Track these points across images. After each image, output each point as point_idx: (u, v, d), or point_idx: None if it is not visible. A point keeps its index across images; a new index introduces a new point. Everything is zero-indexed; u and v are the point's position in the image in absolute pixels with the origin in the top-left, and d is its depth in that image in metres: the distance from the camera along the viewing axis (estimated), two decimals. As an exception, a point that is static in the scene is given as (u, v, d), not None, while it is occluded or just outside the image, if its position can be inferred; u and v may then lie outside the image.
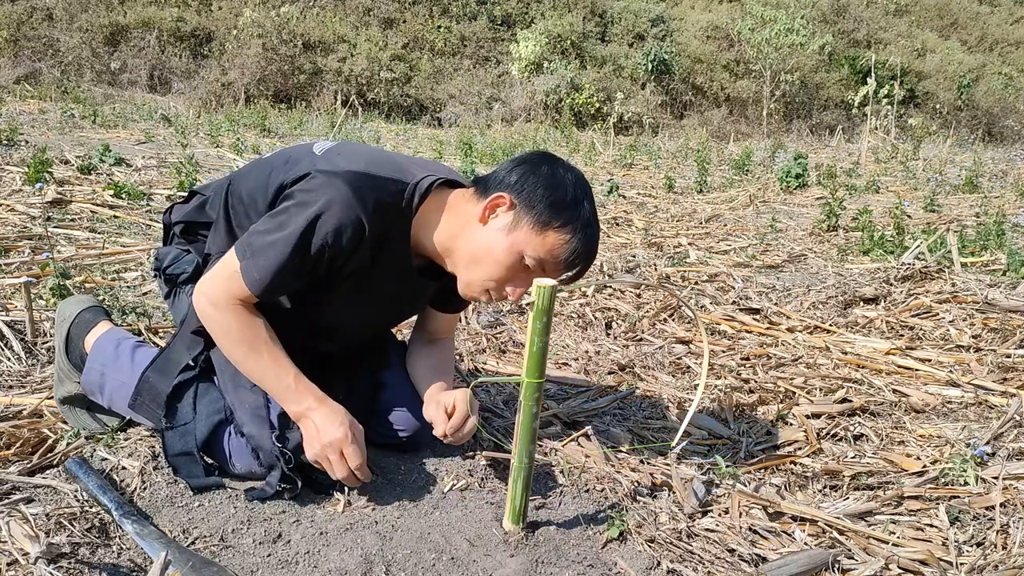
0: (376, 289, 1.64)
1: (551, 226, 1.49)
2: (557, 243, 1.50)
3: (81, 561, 1.32)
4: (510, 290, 1.56)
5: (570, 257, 1.52)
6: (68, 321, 1.80)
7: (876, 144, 11.34)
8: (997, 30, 19.63)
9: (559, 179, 1.52)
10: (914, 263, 3.68)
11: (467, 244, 1.56)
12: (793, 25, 15.85)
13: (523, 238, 1.50)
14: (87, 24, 13.51)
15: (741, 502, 1.69)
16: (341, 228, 1.47)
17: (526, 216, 1.50)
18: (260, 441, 1.56)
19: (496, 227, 1.52)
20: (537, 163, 1.55)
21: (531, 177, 1.52)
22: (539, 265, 1.52)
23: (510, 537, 1.52)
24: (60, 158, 5.05)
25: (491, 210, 1.53)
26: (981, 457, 1.92)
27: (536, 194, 1.50)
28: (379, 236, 1.53)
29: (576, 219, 1.50)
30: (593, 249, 1.56)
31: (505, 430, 2.01)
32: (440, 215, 1.59)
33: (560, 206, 1.50)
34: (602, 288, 3.34)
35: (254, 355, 1.54)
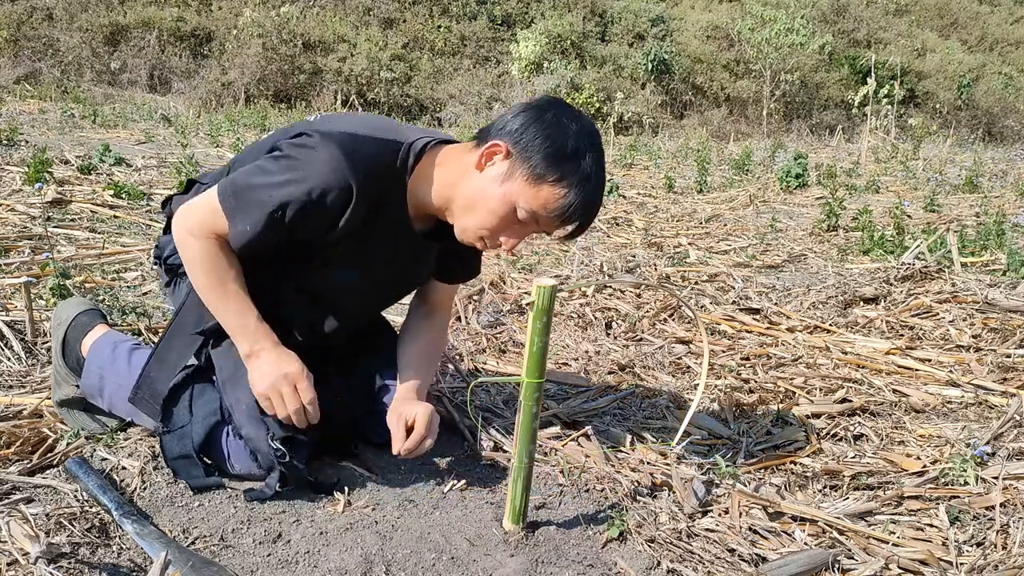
0: (374, 255, 1.61)
1: (546, 179, 1.43)
2: (551, 197, 1.44)
3: (81, 561, 1.32)
4: (503, 240, 1.52)
5: (564, 213, 1.46)
6: (64, 324, 1.79)
7: (876, 144, 11.34)
8: (997, 30, 19.62)
9: (561, 129, 1.44)
10: (914, 263, 3.68)
11: (463, 191, 1.51)
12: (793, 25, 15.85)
13: (517, 189, 1.45)
14: (87, 24, 13.51)
15: (741, 502, 1.69)
16: (327, 190, 1.44)
17: (521, 167, 1.44)
18: (258, 443, 1.55)
19: (491, 175, 1.48)
20: (542, 110, 1.47)
21: (532, 126, 1.45)
22: (532, 218, 1.47)
23: (510, 537, 1.52)
24: (60, 158, 5.05)
25: (487, 157, 1.48)
26: (981, 457, 1.92)
27: (534, 144, 1.44)
28: (373, 200, 1.50)
29: (574, 173, 1.43)
30: (591, 205, 1.48)
31: (505, 430, 2.01)
32: (440, 169, 1.55)
33: (558, 158, 1.43)
34: (602, 288, 3.34)
35: (220, 288, 1.53)
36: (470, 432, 1.97)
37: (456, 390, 2.22)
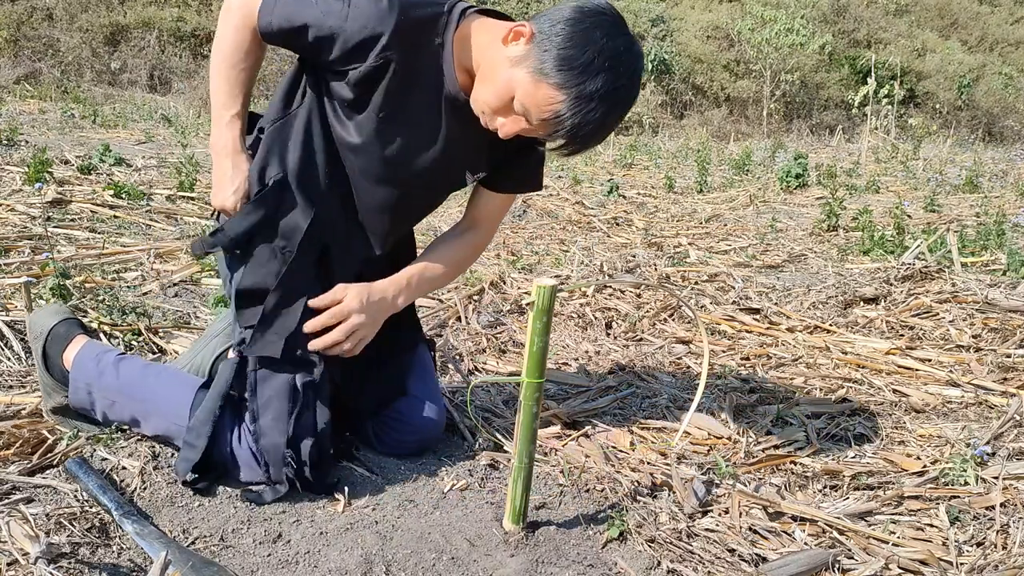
0: (419, 115, 1.54)
1: (547, 79, 1.36)
2: (544, 99, 1.37)
3: (81, 561, 1.32)
4: (499, 123, 1.46)
5: (552, 120, 1.38)
6: (42, 338, 1.73)
7: (876, 144, 11.34)
8: (997, 30, 19.61)
9: (586, 37, 1.35)
10: (914, 263, 3.68)
11: (485, 60, 1.47)
12: (793, 25, 15.84)
13: (520, 78, 1.39)
14: (87, 24, 13.50)
15: (741, 502, 1.69)
16: (362, 21, 1.42)
17: (533, 57, 1.37)
18: (275, 456, 1.55)
19: (508, 54, 1.41)
20: (585, 14, 1.38)
21: (565, 24, 1.37)
22: (524, 113, 1.41)
23: (510, 537, 1.52)
24: (60, 158, 5.05)
25: (515, 37, 1.41)
26: (981, 457, 1.92)
27: (553, 40, 1.36)
28: (411, 41, 1.45)
29: (575, 86, 1.35)
30: (584, 128, 1.39)
31: (505, 430, 2.01)
32: (485, 36, 1.49)
33: (567, 64, 1.35)
34: (602, 288, 3.34)
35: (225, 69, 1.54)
36: (470, 432, 1.97)
37: (456, 390, 2.22)
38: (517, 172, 1.71)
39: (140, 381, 1.68)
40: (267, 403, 1.56)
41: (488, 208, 1.77)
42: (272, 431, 1.55)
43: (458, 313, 2.92)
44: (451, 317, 2.89)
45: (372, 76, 1.47)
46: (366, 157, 1.58)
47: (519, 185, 1.76)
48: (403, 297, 1.69)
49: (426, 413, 1.82)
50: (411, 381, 1.83)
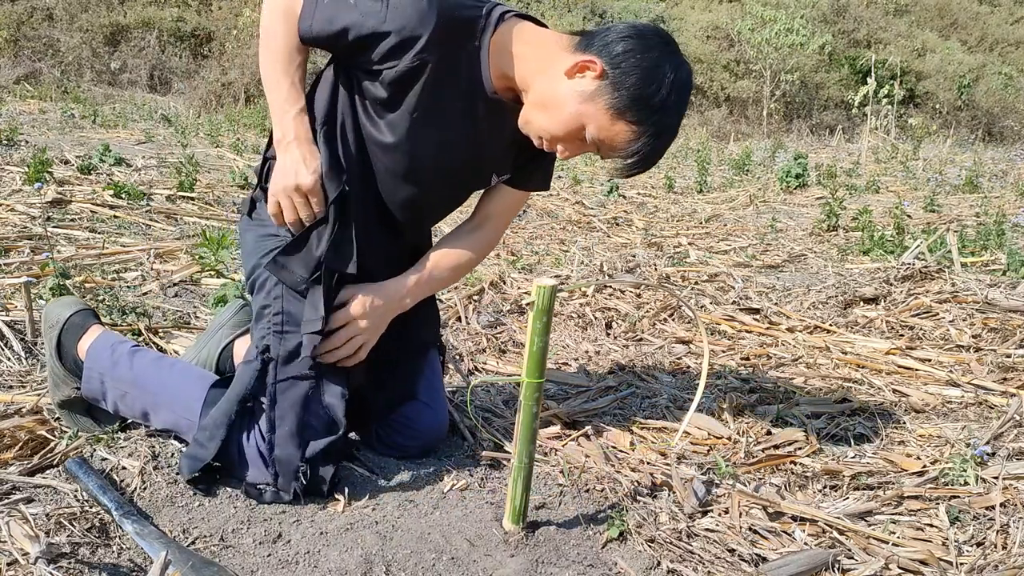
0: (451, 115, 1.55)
1: (625, 117, 1.42)
2: (622, 136, 1.44)
3: (81, 561, 1.32)
4: (560, 148, 1.51)
5: (628, 155, 1.47)
6: (57, 327, 1.74)
7: (876, 144, 11.34)
8: (997, 30, 19.61)
9: (659, 74, 1.42)
10: (914, 263, 3.68)
11: (544, 88, 1.48)
12: (793, 25, 15.84)
13: (593, 113, 1.43)
14: (87, 24, 13.50)
15: (741, 502, 1.69)
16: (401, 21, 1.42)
17: (608, 94, 1.42)
18: (287, 468, 1.55)
19: (576, 88, 1.44)
20: (650, 45, 1.44)
21: (634, 57, 1.42)
22: (595, 145, 1.48)
23: (510, 537, 1.52)
24: (60, 158, 5.05)
25: (580, 70, 1.44)
26: (981, 457, 1.92)
27: (628, 78, 1.41)
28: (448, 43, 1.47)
29: (652, 124, 1.43)
30: (653, 159, 1.49)
31: (505, 430, 2.01)
32: (527, 47, 1.51)
33: (644, 103, 1.41)
34: (602, 288, 3.34)
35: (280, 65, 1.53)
36: (470, 432, 1.97)
37: (456, 390, 2.22)
38: (536, 172, 1.75)
39: (153, 373, 1.68)
40: (284, 415, 1.56)
41: (501, 205, 1.77)
42: (288, 444, 1.55)
43: (458, 313, 2.92)
44: (451, 317, 2.89)
45: (408, 76, 1.48)
46: (395, 156, 1.58)
47: (536, 184, 1.78)
48: (410, 298, 1.70)
49: (432, 420, 1.82)
50: (421, 385, 1.82)
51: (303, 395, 1.57)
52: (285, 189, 1.52)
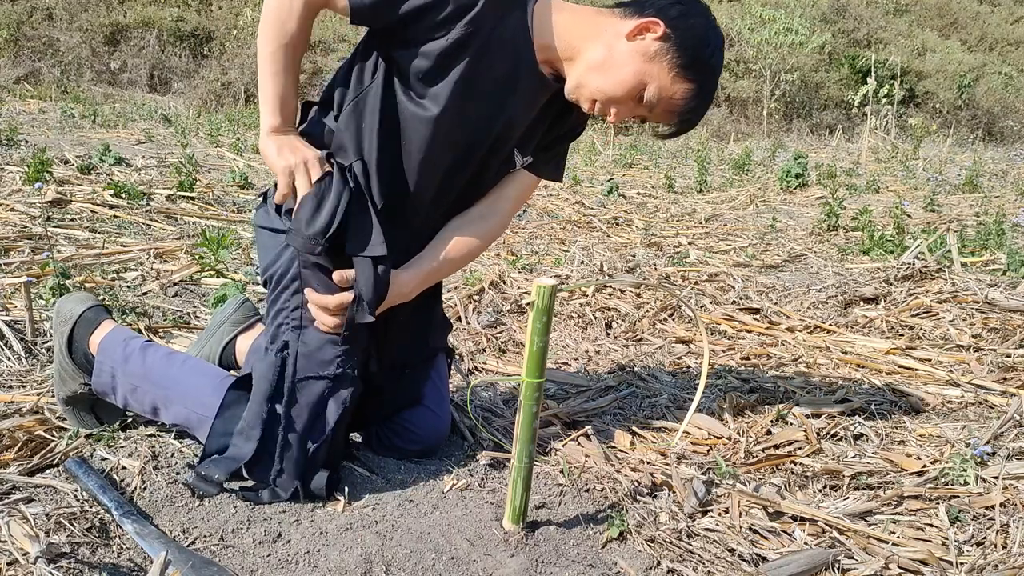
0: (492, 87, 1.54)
1: (686, 75, 1.50)
2: (683, 93, 1.51)
3: (81, 561, 1.32)
4: (614, 111, 1.54)
5: (683, 111, 1.54)
6: (70, 321, 1.75)
7: (876, 144, 11.34)
8: (997, 30, 19.61)
9: (710, 37, 1.52)
10: (914, 263, 3.68)
11: (600, 51, 1.52)
12: (792, 25, 15.84)
13: (656, 71, 1.50)
14: (87, 24, 13.51)
15: (741, 502, 1.69)
16: None
17: (671, 54, 1.49)
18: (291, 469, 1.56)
19: (638, 48, 1.50)
20: (698, 11, 1.53)
21: (690, 19, 1.51)
22: (652, 103, 1.52)
23: (510, 537, 1.52)
24: (60, 158, 5.05)
25: (641, 31, 1.50)
26: (981, 457, 1.92)
27: (690, 38, 1.49)
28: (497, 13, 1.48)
29: (707, 81, 1.53)
30: (698, 117, 1.58)
31: (505, 430, 2.01)
32: (568, 15, 1.55)
33: (702, 62, 1.51)
34: (602, 288, 3.34)
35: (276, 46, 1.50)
36: (470, 432, 1.97)
37: (456, 390, 2.22)
38: (553, 159, 1.76)
39: (164, 368, 1.68)
40: (300, 413, 1.55)
41: (514, 191, 1.73)
42: (299, 442, 1.55)
43: (458, 313, 2.92)
44: (451, 317, 2.89)
45: (458, 45, 1.47)
46: (435, 127, 1.55)
47: (550, 171, 1.76)
48: (416, 289, 1.67)
49: (434, 425, 1.82)
50: (427, 391, 1.82)
51: (319, 395, 1.56)
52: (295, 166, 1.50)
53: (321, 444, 1.57)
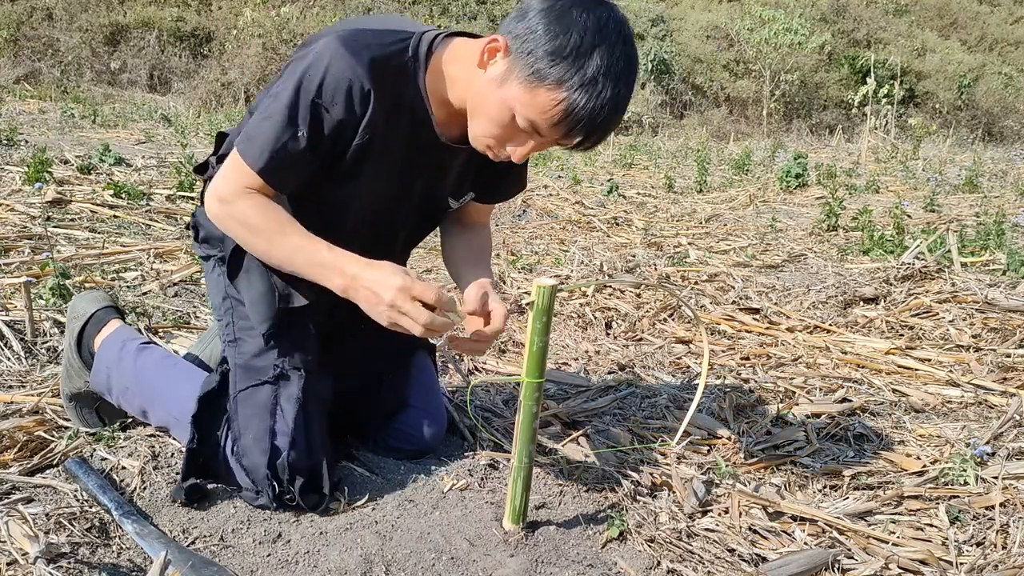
0: (398, 164, 1.48)
1: (543, 82, 1.24)
2: (547, 104, 1.25)
3: (81, 561, 1.32)
4: (511, 150, 1.37)
5: (563, 121, 1.27)
6: (82, 318, 1.78)
7: (876, 144, 11.33)
8: (997, 30, 19.61)
9: (566, 21, 1.24)
10: (914, 263, 3.68)
11: (470, 91, 1.37)
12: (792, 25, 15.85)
13: (513, 94, 1.28)
14: (87, 24, 13.50)
15: (741, 502, 1.69)
16: (331, 82, 1.32)
17: (518, 67, 1.26)
18: (256, 475, 1.53)
19: (490, 76, 1.31)
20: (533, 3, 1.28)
21: (536, 17, 1.26)
22: (532, 127, 1.30)
23: (510, 537, 1.51)
24: (60, 158, 5.05)
25: (489, 54, 1.31)
26: (981, 457, 1.92)
27: (532, 40, 1.25)
28: (388, 100, 1.38)
29: (574, 75, 1.23)
30: (599, 113, 1.26)
31: (505, 430, 2.01)
32: (457, 65, 1.40)
33: (558, 57, 1.23)
34: (602, 288, 3.34)
35: (279, 238, 1.38)
36: (470, 432, 1.97)
37: (456, 390, 2.22)
38: (504, 184, 1.68)
39: (153, 371, 1.69)
40: (248, 423, 1.53)
41: (477, 213, 1.76)
42: (253, 451, 1.52)
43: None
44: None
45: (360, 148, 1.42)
46: (346, 212, 1.54)
47: (507, 194, 1.74)
48: None
49: (427, 426, 1.81)
50: (411, 392, 1.81)
51: (264, 401, 1.54)
52: (390, 311, 1.32)
53: (292, 449, 1.52)
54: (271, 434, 1.53)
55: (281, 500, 1.52)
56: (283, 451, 1.52)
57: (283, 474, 1.51)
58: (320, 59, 1.34)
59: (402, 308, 1.31)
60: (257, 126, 1.38)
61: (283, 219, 1.41)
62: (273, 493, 1.51)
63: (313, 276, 1.41)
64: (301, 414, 1.55)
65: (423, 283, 1.34)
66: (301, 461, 1.54)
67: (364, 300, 1.35)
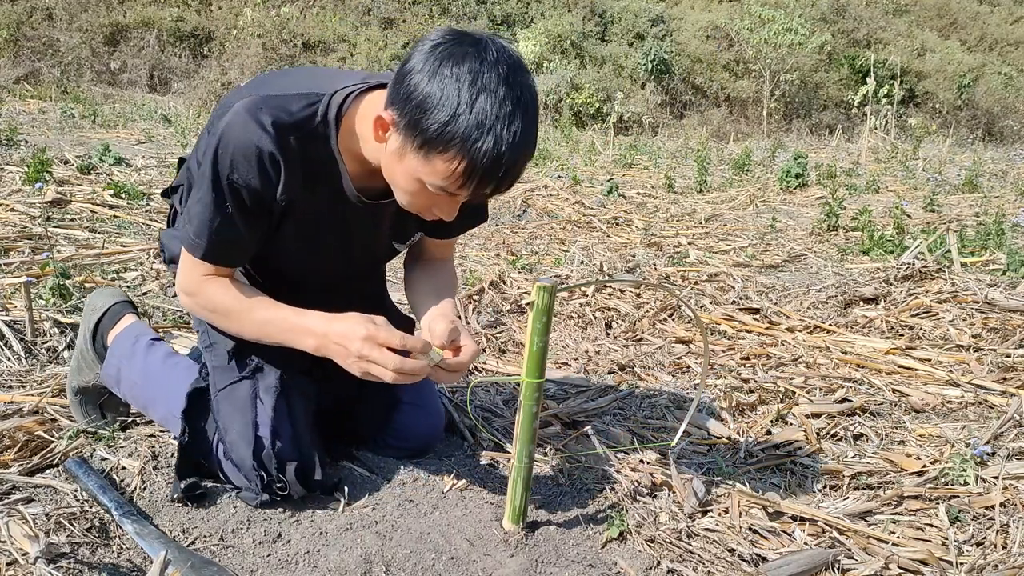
0: (325, 224, 1.50)
1: (435, 151, 1.22)
2: (447, 169, 1.23)
3: (81, 561, 1.32)
4: (437, 212, 1.37)
5: (469, 179, 1.24)
6: (99, 312, 1.82)
7: (876, 144, 11.34)
8: (997, 30, 19.61)
9: (442, 81, 1.19)
10: (914, 263, 3.68)
11: (382, 163, 1.37)
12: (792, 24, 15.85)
13: (413, 166, 1.27)
14: (87, 24, 13.50)
15: (741, 502, 1.69)
16: (240, 154, 1.34)
17: (408, 140, 1.25)
18: (245, 469, 1.53)
19: (390, 150, 1.30)
20: (428, 56, 1.22)
21: (413, 83, 1.22)
22: (443, 191, 1.29)
23: (510, 537, 1.51)
24: (60, 158, 5.05)
25: (382, 129, 1.30)
26: (981, 457, 1.92)
27: (412, 108, 1.22)
28: (300, 165, 1.39)
29: (461, 133, 1.19)
30: (499, 159, 1.21)
31: (505, 430, 2.01)
32: (365, 123, 1.38)
33: (440, 124, 1.20)
34: (602, 288, 3.34)
35: (247, 315, 1.45)
36: (470, 432, 1.97)
37: (456, 390, 2.22)
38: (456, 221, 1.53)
39: (157, 368, 1.71)
40: (231, 419, 1.54)
41: (436, 249, 1.76)
42: (239, 446, 1.53)
43: (458, 313, 2.92)
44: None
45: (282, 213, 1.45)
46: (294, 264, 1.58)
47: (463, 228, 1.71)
48: None
49: (423, 421, 1.81)
50: (404, 388, 1.80)
51: (244, 396, 1.55)
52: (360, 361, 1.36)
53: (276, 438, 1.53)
54: (254, 426, 1.53)
55: (270, 489, 1.52)
56: (267, 440, 1.53)
57: (269, 463, 1.52)
58: (228, 132, 1.35)
59: (370, 356, 1.35)
60: (192, 211, 1.41)
61: (245, 297, 1.46)
62: (261, 484, 1.51)
63: (287, 342, 1.45)
64: (283, 403, 1.56)
65: (388, 329, 1.36)
66: (288, 450, 1.54)
67: (335, 355, 1.40)
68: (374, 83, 1.43)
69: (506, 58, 1.22)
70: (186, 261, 1.47)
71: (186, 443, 1.55)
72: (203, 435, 1.58)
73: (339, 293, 1.62)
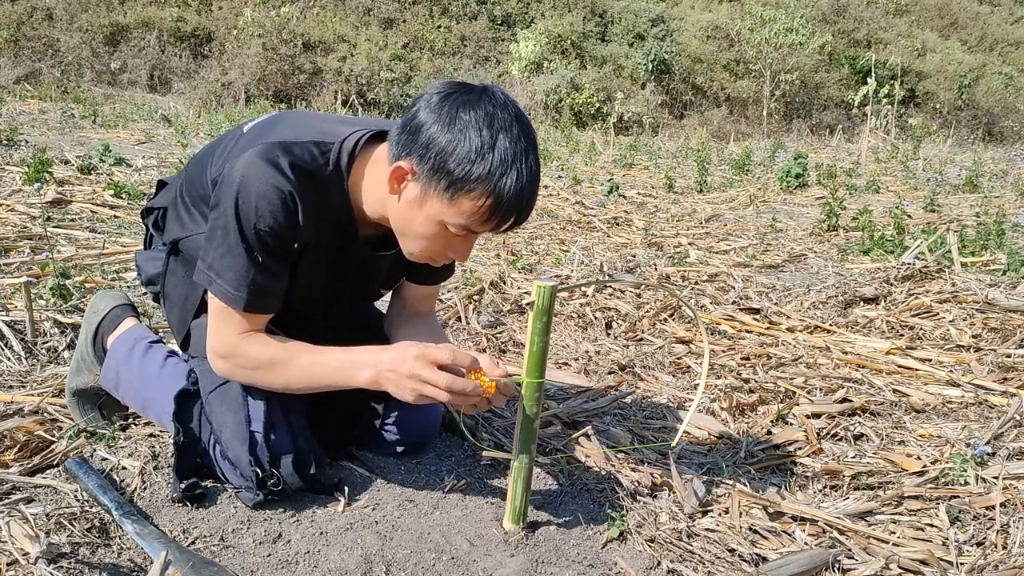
0: (324, 269, 1.54)
1: (461, 192, 1.30)
2: (474, 207, 1.31)
3: (81, 561, 1.32)
4: (451, 254, 1.44)
5: (495, 214, 1.32)
6: (100, 314, 1.83)
7: (876, 144, 11.34)
8: (997, 30, 19.62)
9: (461, 126, 1.29)
10: (914, 263, 3.68)
11: (391, 214, 1.42)
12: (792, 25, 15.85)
13: (437, 210, 1.34)
14: (87, 24, 13.51)
15: (741, 502, 1.69)
16: (264, 200, 1.36)
17: (432, 186, 1.32)
18: (242, 468, 1.53)
19: (407, 200, 1.37)
20: (438, 108, 1.32)
21: (429, 132, 1.31)
22: (465, 230, 1.36)
23: (510, 537, 1.51)
24: (60, 158, 5.05)
25: (398, 181, 1.36)
26: (981, 457, 1.92)
27: (435, 156, 1.30)
28: (313, 207, 1.42)
29: (488, 172, 1.28)
30: (522, 193, 1.32)
31: (505, 430, 2.01)
32: (370, 174, 1.45)
33: (466, 162, 1.29)
34: (602, 288, 3.34)
35: (293, 365, 1.45)
36: (470, 432, 1.97)
37: (456, 390, 2.22)
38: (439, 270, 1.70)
39: (154, 370, 1.71)
40: (224, 419, 1.55)
41: (420, 297, 1.79)
42: (233, 444, 1.53)
43: (458, 313, 2.92)
44: (451, 317, 2.89)
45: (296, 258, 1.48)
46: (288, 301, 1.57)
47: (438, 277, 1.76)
48: None
49: (417, 416, 1.81)
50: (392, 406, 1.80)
51: (235, 394, 1.55)
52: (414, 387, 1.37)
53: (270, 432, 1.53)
54: (247, 423, 1.54)
55: (264, 485, 1.52)
56: (260, 435, 1.53)
57: (264, 458, 1.52)
58: (247, 181, 1.37)
59: (422, 376, 1.36)
60: (220, 265, 1.41)
61: (285, 347, 1.46)
62: (256, 479, 1.52)
63: (338, 381, 1.45)
64: (274, 397, 1.56)
65: (435, 350, 1.38)
66: (283, 442, 1.55)
67: (389, 383, 1.40)
68: (376, 129, 1.49)
69: (510, 101, 1.35)
70: (220, 321, 1.45)
71: (183, 443, 1.56)
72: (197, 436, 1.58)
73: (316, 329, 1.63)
